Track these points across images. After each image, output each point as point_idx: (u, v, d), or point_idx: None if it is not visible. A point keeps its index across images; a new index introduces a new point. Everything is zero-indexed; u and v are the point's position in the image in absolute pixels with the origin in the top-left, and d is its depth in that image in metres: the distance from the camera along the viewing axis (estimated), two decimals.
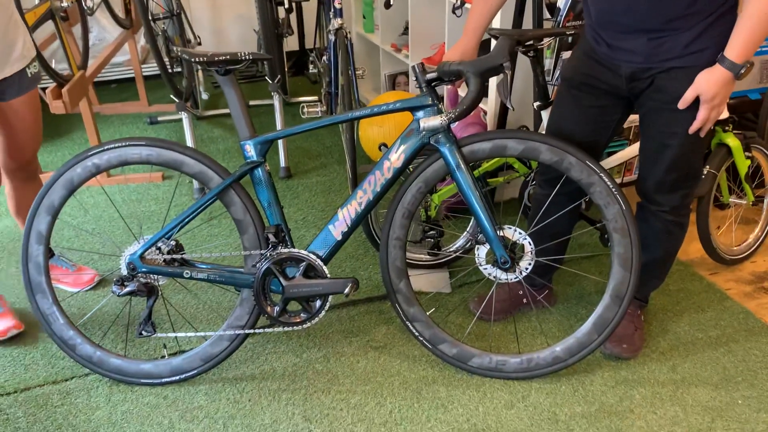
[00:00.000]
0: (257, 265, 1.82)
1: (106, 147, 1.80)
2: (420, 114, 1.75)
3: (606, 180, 1.75)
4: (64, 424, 1.81)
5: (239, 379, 1.95)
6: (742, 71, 1.54)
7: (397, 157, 1.78)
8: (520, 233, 1.80)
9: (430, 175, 1.81)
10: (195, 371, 1.91)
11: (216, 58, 1.73)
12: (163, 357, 2.00)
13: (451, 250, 2.44)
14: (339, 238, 1.85)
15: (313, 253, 1.84)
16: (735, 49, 1.53)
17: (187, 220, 1.81)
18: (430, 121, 1.66)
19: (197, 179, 1.84)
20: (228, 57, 1.74)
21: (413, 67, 1.73)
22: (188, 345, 2.08)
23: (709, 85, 1.58)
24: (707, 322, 2.15)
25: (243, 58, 1.75)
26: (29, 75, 1.98)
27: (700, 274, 2.39)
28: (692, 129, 1.65)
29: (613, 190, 1.75)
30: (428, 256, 2.41)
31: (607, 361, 1.99)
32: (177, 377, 1.91)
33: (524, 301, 2.19)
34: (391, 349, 2.06)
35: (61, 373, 1.98)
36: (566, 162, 1.76)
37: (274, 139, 1.81)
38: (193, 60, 1.75)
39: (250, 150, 1.80)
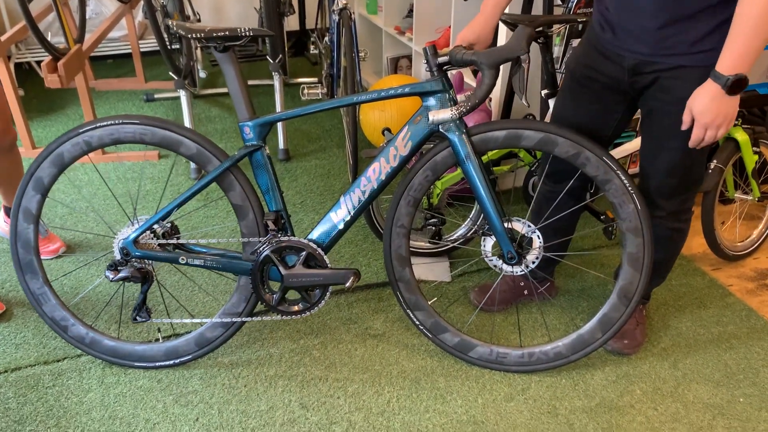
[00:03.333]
0: (256, 253, 1.77)
1: (98, 124, 1.72)
2: (431, 101, 1.67)
3: (623, 178, 1.69)
4: (55, 406, 1.77)
5: (235, 364, 1.92)
6: (728, 83, 1.40)
7: (403, 145, 1.71)
8: (529, 226, 1.75)
9: (439, 163, 1.75)
10: (190, 356, 1.88)
11: (214, 34, 1.65)
12: (157, 340, 1.96)
13: (452, 238, 2.41)
14: (341, 227, 1.79)
15: (314, 242, 1.79)
16: (724, 59, 1.41)
17: (182, 204, 1.75)
18: (440, 114, 1.57)
19: (194, 161, 1.76)
20: (227, 33, 1.65)
21: (424, 49, 1.63)
22: (183, 328, 2.04)
23: (699, 101, 1.47)
24: (709, 319, 2.13)
25: (243, 34, 1.66)
26: None
27: (702, 269, 2.37)
28: (690, 145, 1.56)
29: (630, 189, 1.69)
30: (429, 244, 2.38)
31: (608, 355, 1.97)
32: (171, 361, 1.88)
33: (525, 292, 2.16)
34: (390, 338, 2.03)
35: (53, 354, 1.94)
36: (583, 157, 1.69)
37: (274, 122, 1.74)
38: (190, 36, 1.66)
39: (249, 132, 1.72)
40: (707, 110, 1.46)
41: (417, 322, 1.89)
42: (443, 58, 1.63)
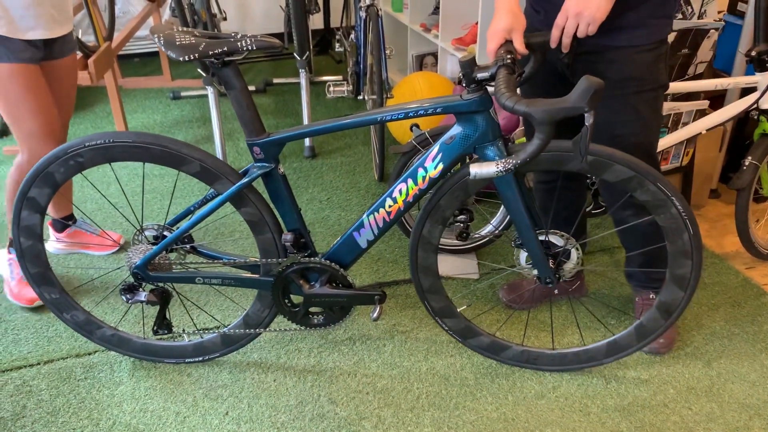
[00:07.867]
0: (275, 274, 1.72)
1: (87, 144, 1.57)
2: (466, 127, 1.50)
3: (678, 205, 1.56)
4: (87, 398, 1.79)
5: (264, 359, 1.92)
6: None
7: (434, 167, 1.57)
8: (568, 238, 1.68)
9: (472, 184, 1.61)
10: (218, 354, 1.88)
11: (210, 51, 1.45)
12: (178, 335, 1.97)
13: (479, 235, 2.39)
14: (364, 246, 1.70)
15: (336, 262, 1.72)
16: None
17: (192, 227, 1.68)
18: (483, 169, 1.31)
19: (200, 179, 1.63)
20: (225, 48, 1.46)
21: (461, 63, 1.43)
22: (210, 323, 2.05)
23: None
24: (744, 318, 2.09)
25: (245, 47, 1.46)
26: (74, 36, 2.08)
27: (735, 268, 2.32)
28: (553, 36, 1.51)
29: (684, 215, 1.57)
30: (456, 241, 2.36)
31: (641, 354, 1.93)
32: (201, 358, 1.88)
33: (555, 291, 2.14)
34: (418, 334, 2.02)
35: (84, 347, 1.96)
36: (635, 181, 1.54)
37: (287, 140, 1.58)
38: (182, 59, 1.46)
39: (260, 153, 1.58)
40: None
41: (446, 328, 1.85)
42: (483, 74, 1.42)
